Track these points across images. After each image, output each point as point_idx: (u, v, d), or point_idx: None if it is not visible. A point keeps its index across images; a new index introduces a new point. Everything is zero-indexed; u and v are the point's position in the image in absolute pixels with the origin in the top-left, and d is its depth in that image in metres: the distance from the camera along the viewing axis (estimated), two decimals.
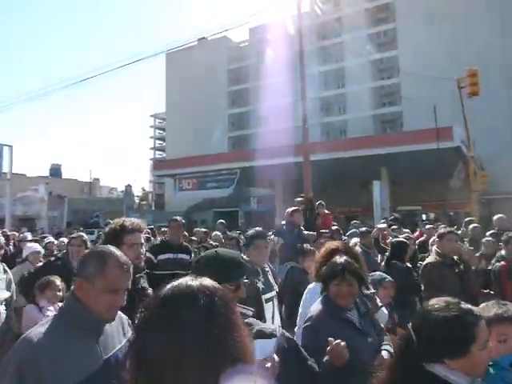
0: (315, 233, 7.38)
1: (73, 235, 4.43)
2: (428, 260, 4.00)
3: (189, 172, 24.34)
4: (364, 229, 6.34)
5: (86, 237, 4.27)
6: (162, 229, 10.94)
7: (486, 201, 23.75)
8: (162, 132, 67.18)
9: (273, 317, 2.85)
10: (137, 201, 56.44)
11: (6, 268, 3.98)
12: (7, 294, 3.25)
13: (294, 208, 5.96)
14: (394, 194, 22.67)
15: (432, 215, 26.46)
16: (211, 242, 7.44)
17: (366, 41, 40.71)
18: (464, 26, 32.97)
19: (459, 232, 6.75)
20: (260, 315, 2.37)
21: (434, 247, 4.11)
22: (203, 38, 27.96)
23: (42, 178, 41.43)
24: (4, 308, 3.46)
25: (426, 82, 29.17)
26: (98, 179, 58.49)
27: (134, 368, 0.83)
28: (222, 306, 0.84)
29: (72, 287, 1.57)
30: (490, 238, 5.20)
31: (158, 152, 69.83)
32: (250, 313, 1.77)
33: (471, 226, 6.62)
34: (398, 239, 5.05)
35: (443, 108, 20.03)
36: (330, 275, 2.23)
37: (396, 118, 40.04)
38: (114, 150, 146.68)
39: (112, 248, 1.64)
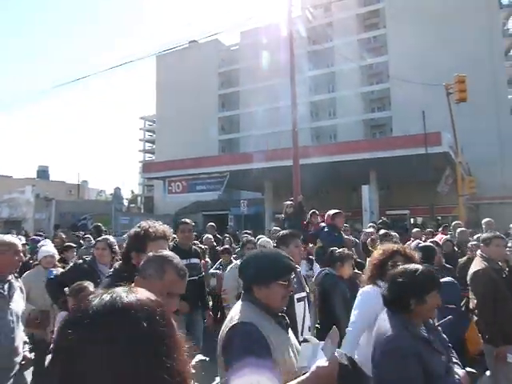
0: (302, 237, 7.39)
1: (98, 239, 4.35)
2: (477, 267, 3.72)
3: (178, 175, 24.22)
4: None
5: (111, 240, 4.21)
6: None
7: (474, 205, 24.10)
8: (151, 134, 66.83)
9: (304, 317, 2.84)
10: (126, 204, 55.93)
11: (16, 275, 3.81)
12: (22, 306, 3.06)
13: (335, 211, 5.77)
14: (383, 199, 22.89)
15: (420, 219, 26.71)
16: (200, 246, 7.39)
17: (357, 46, 41.06)
18: (453, 31, 33.45)
19: (448, 236, 6.81)
20: (291, 314, 2.30)
21: (479, 252, 3.86)
22: (194, 40, 27.86)
23: (29, 180, 40.91)
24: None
25: (415, 87, 29.49)
26: (86, 181, 57.92)
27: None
28: (164, 327, 0.73)
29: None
30: (475, 242, 5.24)
31: (147, 154, 69.42)
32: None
33: (458, 230, 6.69)
34: (425, 244, 4.64)
35: (432, 113, 20.26)
36: (429, 286, 1.94)
37: (385, 122, 40.40)
38: (102, 152, 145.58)
39: (172, 253, 1.72)
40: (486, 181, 25.45)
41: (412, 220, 27.83)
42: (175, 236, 7.93)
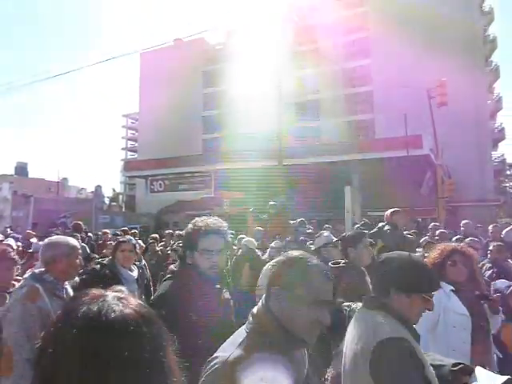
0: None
1: (122, 239, 3.81)
2: None
3: (161, 174, 24.01)
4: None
5: (134, 240, 3.83)
6: (133, 230, 10.72)
7: (452, 208, 24.61)
8: (134, 132, 66.04)
9: None
10: (107, 202, 55.13)
11: None
12: None
13: (393, 209, 5.58)
14: (365, 200, 23.12)
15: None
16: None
17: (341, 49, 41.43)
18: (434, 36, 34.10)
19: (426, 237, 6.92)
20: None
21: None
22: (179, 38, 27.63)
23: (7, 177, 39.94)
24: None
25: (397, 90, 29.96)
26: (66, 179, 56.88)
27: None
28: (160, 345, 0.67)
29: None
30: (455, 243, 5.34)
31: (129, 153, 68.55)
32: None
33: (438, 232, 6.81)
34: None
35: (414, 116, 20.61)
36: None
37: (368, 125, 40.88)
38: (84, 149, 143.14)
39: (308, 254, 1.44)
40: (463, 184, 26.04)
41: None
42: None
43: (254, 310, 1.36)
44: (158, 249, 8.35)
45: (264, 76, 35.78)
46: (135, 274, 3.58)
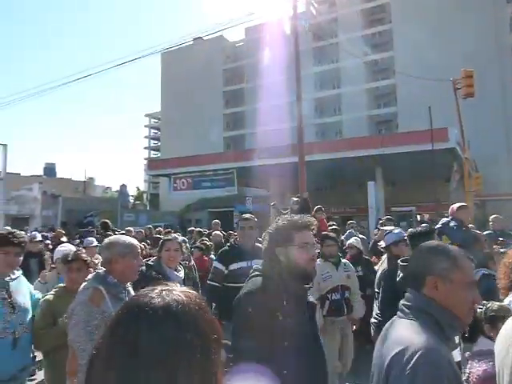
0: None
1: (167, 237, 3.56)
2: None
3: (184, 172, 24.26)
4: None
5: (180, 239, 3.66)
6: (158, 228, 10.91)
7: (480, 202, 23.93)
8: (156, 132, 66.98)
9: None
10: (131, 200, 56.22)
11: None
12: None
13: (460, 204, 5.31)
14: (389, 195, 22.77)
15: (426, 216, 26.57)
16: (206, 242, 7.41)
17: (362, 41, 40.83)
18: (459, 26, 33.16)
19: None
20: None
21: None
22: (199, 37, 27.83)
23: (36, 177, 41.20)
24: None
25: (421, 83, 29.29)
26: (92, 178, 58.23)
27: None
28: (193, 334, 0.69)
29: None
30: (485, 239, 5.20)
31: (152, 152, 69.62)
32: None
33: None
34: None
35: (439, 109, 20.12)
36: None
37: (391, 119, 40.20)
38: (109, 149, 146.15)
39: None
40: (492, 177, 25.28)
41: (418, 217, 27.69)
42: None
43: (405, 302, 1.41)
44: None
45: (283, 72, 35.63)
46: (181, 274, 3.39)
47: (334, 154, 19.33)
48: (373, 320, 3.88)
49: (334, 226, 7.52)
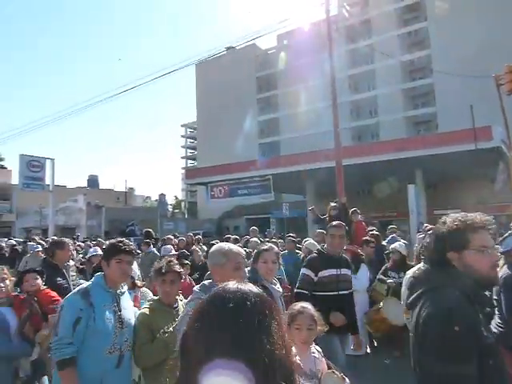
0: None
1: (264, 247, 3.09)
2: None
3: (220, 180, 24.59)
4: None
5: (276, 249, 3.31)
6: (197, 236, 11.10)
7: None
8: (193, 141, 68.40)
9: None
10: (170, 209, 57.60)
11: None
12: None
13: None
14: (430, 198, 22.03)
15: None
16: (244, 249, 7.44)
17: (397, 41, 40.00)
18: (500, 19, 31.79)
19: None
20: None
21: None
22: (231, 46, 28.21)
23: (81, 189, 43.05)
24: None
25: (461, 80, 28.26)
26: (132, 189, 60.08)
27: (180, 355, 0.88)
28: (255, 310, 0.85)
29: None
30: None
31: (189, 161, 71.12)
32: None
33: None
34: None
35: (481, 107, 19.33)
36: None
37: (430, 119, 39.00)
38: (147, 159, 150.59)
39: None
40: None
41: None
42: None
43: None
44: None
45: (317, 77, 35.47)
46: (279, 288, 3.02)
47: (371, 157, 18.98)
48: (494, 330, 3.65)
49: (374, 232, 7.37)
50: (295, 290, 3.76)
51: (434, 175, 22.25)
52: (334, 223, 3.98)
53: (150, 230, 9.53)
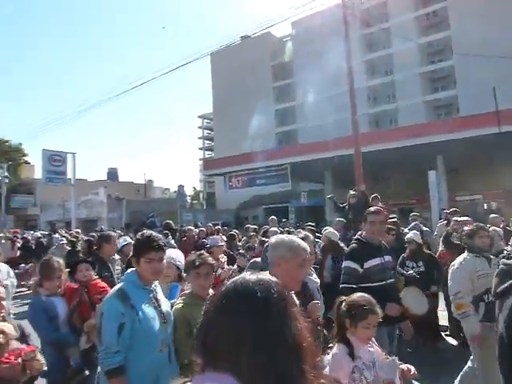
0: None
1: (299, 236, 2.78)
2: None
3: (238, 170, 24.63)
4: None
5: (311, 238, 3.39)
6: (216, 227, 11.19)
7: None
8: (210, 132, 68.53)
9: None
10: (189, 200, 58.09)
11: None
12: None
13: None
14: (452, 183, 21.57)
15: (494, 204, 24.85)
16: (262, 239, 7.44)
17: (415, 24, 38.93)
18: None
19: None
20: None
21: None
22: (246, 36, 27.98)
23: (101, 182, 43.80)
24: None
25: (483, 61, 27.37)
26: (151, 181, 60.77)
27: (198, 347, 0.90)
28: (279, 299, 0.87)
29: None
30: None
31: (206, 152, 71.36)
32: None
33: None
34: None
35: (504, 89, 18.73)
36: None
37: (451, 102, 37.98)
38: (165, 151, 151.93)
39: None
40: None
41: (485, 205, 25.98)
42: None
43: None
44: (239, 244, 8.58)
45: (333, 63, 34.90)
46: (317, 279, 2.97)
47: (390, 143, 18.67)
48: None
49: (394, 219, 7.27)
50: (341, 285, 3.52)
51: (456, 160, 21.73)
52: (373, 209, 3.76)
53: (170, 221, 9.65)
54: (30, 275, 11.03)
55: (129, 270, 2.47)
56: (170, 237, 8.77)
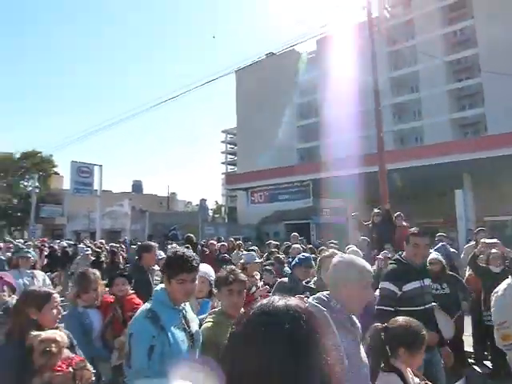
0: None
1: (327, 254, 3.22)
2: None
3: (260, 185, 24.67)
4: None
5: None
6: (238, 242, 11.21)
7: None
8: (233, 147, 69.21)
9: None
10: (210, 214, 58.49)
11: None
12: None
13: None
14: (480, 204, 20.97)
15: None
16: (278, 256, 7.39)
17: (441, 41, 38.62)
18: None
19: None
20: None
21: None
22: (272, 53, 28.32)
23: (126, 194, 44.64)
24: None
25: (511, 80, 26.80)
26: (175, 194, 61.55)
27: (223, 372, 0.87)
28: (308, 329, 0.82)
29: None
30: None
31: (229, 166, 71.98)
32: None
33: None
34: None
35: None
36: None
37: (478, 120, 37.23)
38: (188, 165, 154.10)
39: None
40: None
41: None
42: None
43: None
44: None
45: (357, 80, 34.90)
46: None
47: (416, 161, 18.36)
48: None
49: None
50: (376, 307, 3.37)
51: (484, 180, 21.17)
52: (416, 231, 3.57)
53: (191, 234, 9.71)
54: (55, 284, 11.27)
55: (158, 288, 2.35)
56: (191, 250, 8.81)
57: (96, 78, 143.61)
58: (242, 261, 5.25)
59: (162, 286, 2.30)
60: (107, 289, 3.56)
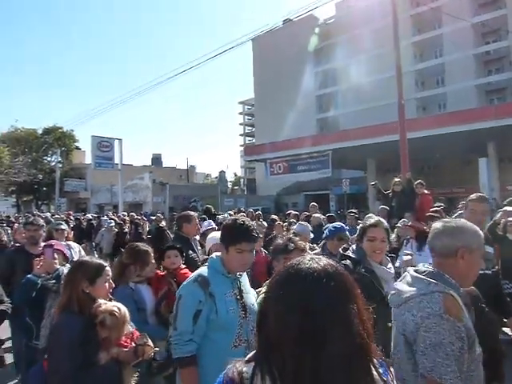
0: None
1: (371, 222, 2.57)
2: None
3: (279, 156, 24.58)
4: None
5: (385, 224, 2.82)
6: (257, 212, 11.33)
7: None
8: (250, 118, 68.63)
9: None
10: (230, 186, 58.87)
11: None
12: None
13: None
14: (504, 173, 20.45)
15: None
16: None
17: (467, 2, 36.65)
18: None
19: None
20: None
21: None
22: (289, 19, 27.53)
23: (146, 168, 45.23)
24: None
25: None
26: (194, 166, 61.87)
27: (257, 334, 0.92)
28: (346, 289, 0.86)
29: None
30: None
31: (247, 138, 71.65)
32: None
33: None
34: None
35: None
36: None
37: (505, 86, 35.70)
38: (207, 137, 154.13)
39: None
40: None
41: None
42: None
43: None
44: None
45: (380, 46, 33.69)
46: (392, 269, 2.60)
47: (438, 129, 17.90)
48: None
49: (440, 207, 7.03)
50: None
51: (509, 148, 20.56)
52: (476, 196, 3.40)
53: (210, 206, 9.82)
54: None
55: (213, 255, 2.28)
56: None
57: (116, 50, 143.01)
58: (293, 231, 4.88)
59: (218, 253, 2.24)
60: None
